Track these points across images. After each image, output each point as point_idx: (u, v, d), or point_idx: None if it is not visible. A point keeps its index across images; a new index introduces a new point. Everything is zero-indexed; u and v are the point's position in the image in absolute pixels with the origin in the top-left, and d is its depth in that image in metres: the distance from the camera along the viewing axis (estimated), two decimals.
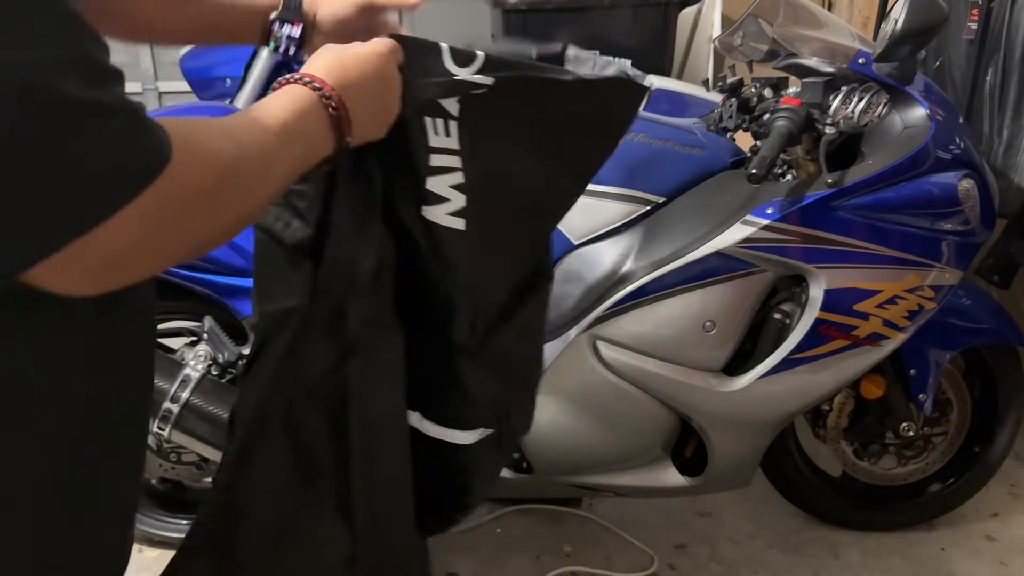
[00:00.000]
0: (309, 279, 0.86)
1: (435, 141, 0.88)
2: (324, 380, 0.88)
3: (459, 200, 0.91)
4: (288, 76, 0.73)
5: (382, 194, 0.88)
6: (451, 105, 0.86)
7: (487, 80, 0.84)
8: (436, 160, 0.89)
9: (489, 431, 1.08)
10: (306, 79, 0.72)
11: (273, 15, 0.95)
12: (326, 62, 0.75)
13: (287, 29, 0.95)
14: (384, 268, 0.88)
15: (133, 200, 0.54)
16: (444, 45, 0.84)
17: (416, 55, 0.83)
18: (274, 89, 0.73)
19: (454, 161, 0.89)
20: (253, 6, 0.95)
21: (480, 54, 0.84)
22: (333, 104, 0.72)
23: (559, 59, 0.98)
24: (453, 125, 0.87)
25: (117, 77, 0.56)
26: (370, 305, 0.88)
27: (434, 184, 0.90)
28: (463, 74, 0.84)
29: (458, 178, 0.90)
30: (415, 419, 1.05)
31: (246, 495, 0.88)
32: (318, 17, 0.96)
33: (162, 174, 0.55)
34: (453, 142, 0.88)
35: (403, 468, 0.98)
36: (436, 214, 0.91)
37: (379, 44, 0.80)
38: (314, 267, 0.86)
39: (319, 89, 0.72)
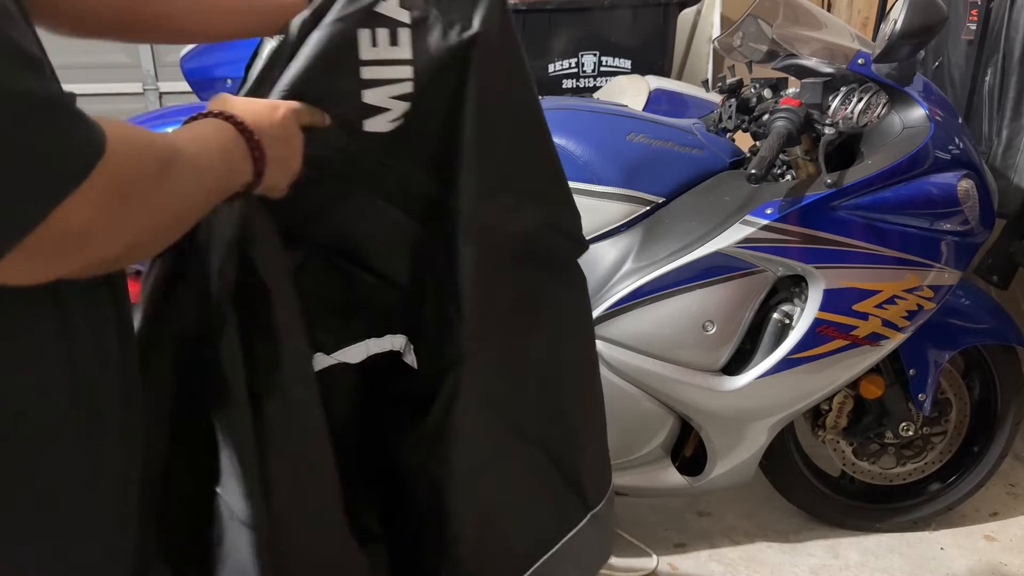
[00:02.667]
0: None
1: (373, 53, 0.87)
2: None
3: (400, 108, 0.91)
4: (202, 112, 0.77)
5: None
6: (400, 14, 0.87)
7: None
8: (374, 72, 0.88)
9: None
10: (226, 114, 0.76)
11: None
12: (236, 106, 0.79)
13: None
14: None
15: (79, 187, 0.55)
16: None
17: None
18: (187, 122, 0.76)
19: (403, 71, 0.89)
20: None
21: None
22: (252, 136, 0.76)
23: None
24: (404, 33, 0.88)
25: (44, 65, 0.57)
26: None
27: (373, 97, 0.89)
28: None
29: (405, 88, 0.90)
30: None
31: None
32: None
33: (104, 160, 0.56)
34: (403, 51, 0.88)
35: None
36: (378, 124, 0.91)
37: (284, 103, 0.84)
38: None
39: (240, 123, 0.76)
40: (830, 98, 1.68)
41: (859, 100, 1.65)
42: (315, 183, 0.90)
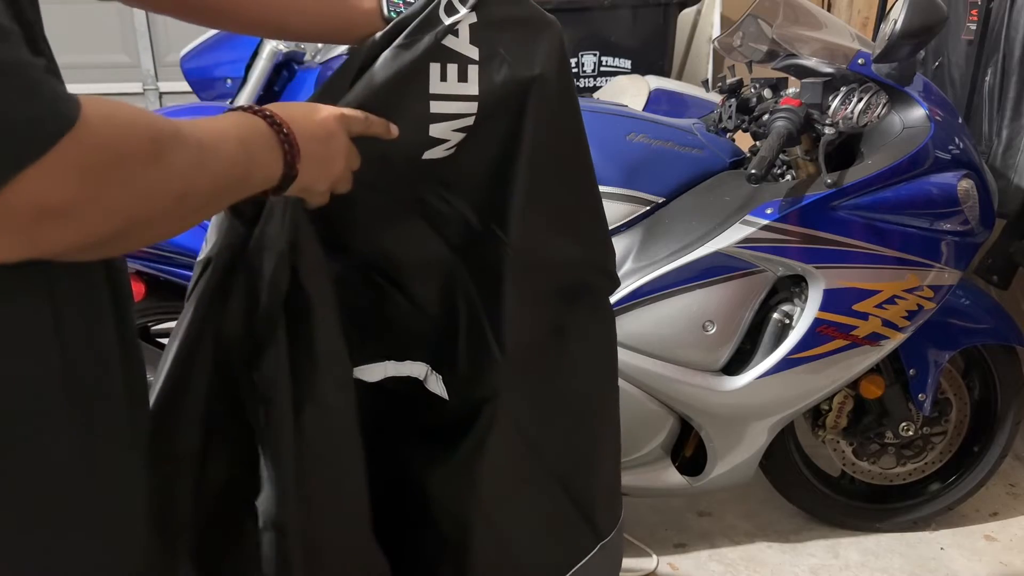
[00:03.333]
0: (226, 234, 0.84)
1: (442, 88, 0.88)
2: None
3: (457, 137, 0.92)
4: (231, 108, 0.75)
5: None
6: (469, 50, 0.87)
7: (468, 16, 0.87)
8: (442, 107, 0.89)
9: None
10: (255, 108, 0.74)
11: None
12: (272, 105, 0.77)
13: None
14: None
15: (43, 157, 0.53)
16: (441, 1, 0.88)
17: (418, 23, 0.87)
18: None
19: (469, 107, 0.90)
20: None
21: None
22: (281, 128, 0.74)
23: None
24: (473, 70, 0.88)
25: (13, 35, 0.54)
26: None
27: (438, 130, 0.90)
28: (454, 17, 0.87)
29: (468, 121, 0.91)
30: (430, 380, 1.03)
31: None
32: None
33: (75, 131, 0.54)
34: (471, 87, 0.89)
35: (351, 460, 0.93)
36: (435, 153, 0.92)
37: (329, 107, 0.82)
38: (239, 225, 0.84)
39: (268, 116, 0.73)
40: (830, 98, 1.68)
41: (859, 100, 1.65)
42: (360, 200, 0.90)
